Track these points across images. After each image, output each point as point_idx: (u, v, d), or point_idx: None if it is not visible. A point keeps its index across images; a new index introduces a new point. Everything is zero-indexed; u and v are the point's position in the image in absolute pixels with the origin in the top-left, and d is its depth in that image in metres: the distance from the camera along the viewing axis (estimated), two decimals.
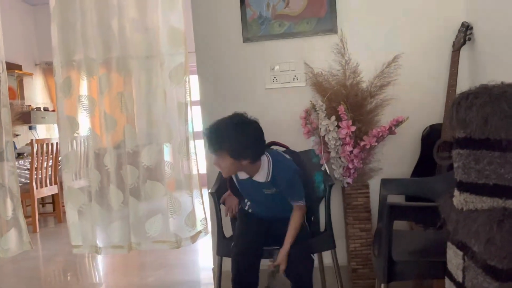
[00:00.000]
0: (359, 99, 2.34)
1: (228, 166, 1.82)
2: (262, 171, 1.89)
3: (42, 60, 6.29)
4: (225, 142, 1.77)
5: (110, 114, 2.78)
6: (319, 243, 2.13)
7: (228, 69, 2.61)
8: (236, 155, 1.78)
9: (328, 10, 2.50)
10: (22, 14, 6.10)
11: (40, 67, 6.30)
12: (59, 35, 2.80)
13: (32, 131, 5.92)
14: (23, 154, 4.85)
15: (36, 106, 6.00)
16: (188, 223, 2.73)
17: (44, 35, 6.12)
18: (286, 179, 1.88)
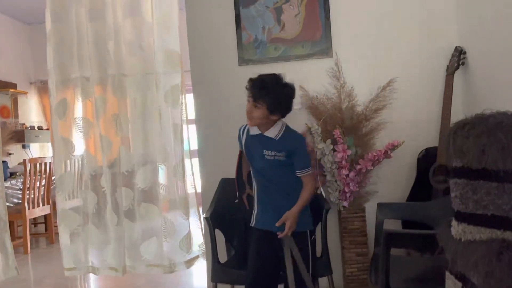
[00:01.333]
0: (354, 122, 2.34)
1: (260, 117, 1.94)
2: (275, 128, 2.00)
3: (37, 78, 6.28)
4: (269, 95, 1.91)
5: (105, 136, 2.76)
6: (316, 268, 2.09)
7: (224, 90, 2.62)
8: (273, 109, 1.92)
9: (323, 34, 2.52)
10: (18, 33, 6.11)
11: (35, 85, 6.29)
12: (55, 57, 2.79)
13: (26, 149, 5.87)
14: (16, 174, 4.79)
15: (30, 124, 5.96)
16: (183, 247, 2.69)
17: (39, 54, 6.12)
18: (297, 142, 1.99)
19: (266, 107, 1.91)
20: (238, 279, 2.06)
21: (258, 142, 2.02)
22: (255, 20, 2.57)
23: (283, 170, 1.99)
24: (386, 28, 2.50)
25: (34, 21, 6.13)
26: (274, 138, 1.99)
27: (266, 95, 1.91)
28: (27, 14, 5.88)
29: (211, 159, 2.63)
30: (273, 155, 1.98)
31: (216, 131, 2.62)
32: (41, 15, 5.70)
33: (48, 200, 4.64)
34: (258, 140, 2.02)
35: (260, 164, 2.03)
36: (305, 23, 2.54)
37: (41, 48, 5.98)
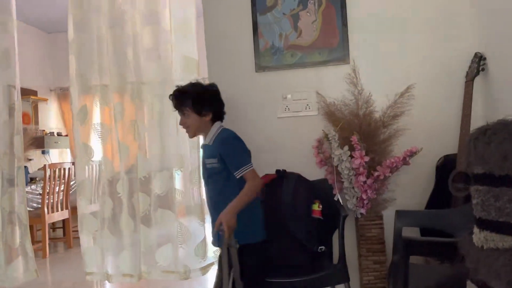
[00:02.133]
0: (372, 129, 2.32)
1: (194, 123, 1.96)
2: (210, 133, 2.00)
3: (56, 85, 6.41)
4: (188, 98, 1.94)
5: (123, 142, 2.81)
6: (333, 276, 2.08)
7: (241, 97, 2.63)
8: (198, 108, 1.93)
9: (340, 41, 2.52)
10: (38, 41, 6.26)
11: (54, 92, 6.42)
12: (77, 65, 2.86)
13: (45, 155, 5.98)
14: (36, 179, 4.88)
15: (50, 131, 6.08)
16: (198, 254, 2.70)
17: (59, 62, 6.27)
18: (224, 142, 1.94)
19: (192, 109, 1.93)
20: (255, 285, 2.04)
21: (204, 153, 2.03)
22: (272, 27, 2.58)
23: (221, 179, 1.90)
24: (404, 34, 2.48)
25: (54, 30, 6.27)
26: (209, 144, 1.98)
27: (186, 99, 1.93)
28: (48, 23, 6.02)
29: None
30: (213, 163, 1.93)
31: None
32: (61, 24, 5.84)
33: (67, 205, 4.71)
34: (202, 150, 2.04)
35: (205, 175, 2.00)
36: (322, 30, 2.54)
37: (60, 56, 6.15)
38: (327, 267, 2.14)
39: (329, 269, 2.11)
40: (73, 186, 4.85)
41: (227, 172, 1.90)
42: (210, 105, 1.96)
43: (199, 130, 2.00)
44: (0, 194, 2.90)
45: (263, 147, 2.59)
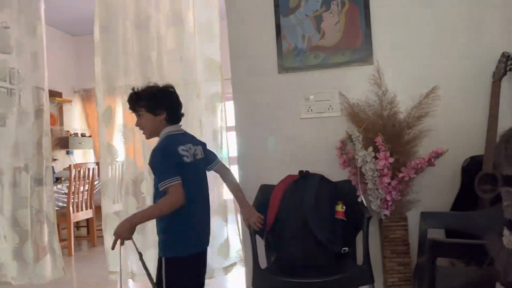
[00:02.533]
0: (396, 130, 2.31)
1: (148, 123, 1.89)
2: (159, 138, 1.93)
3: (80, 87, 6.54)
4: (142, 98, 1.90)
5: (147, 142, 2.85)
6: (357, 277, 2.08)
7: (263, 98, 2.65)
8: (151, 106, 1.88)
9: (364, 41, 2.52)
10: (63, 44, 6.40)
11: (78, 94, 6.55)
12: (102, 66, 2.92)
13: (70, 155, 6.11)
14: (61, 179, 5.00)
15: (74, 132, 6.21)
16: (221, 253, 2.72)
17: (82, 64, 6.40)
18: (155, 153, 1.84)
19: (145, 109, 1.88)
20: (279, 285, 2.06)
21: None
22: (295, 28, 2.59)
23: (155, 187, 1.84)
24: (429, 34, 2.46)
25: (78, 32, 6.40)
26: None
27: (140, 99, 1.89)
28: (73, 26, 6.15)
29: (250, 166, 2.66)
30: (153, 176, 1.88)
31: (256, 138, 2.65)
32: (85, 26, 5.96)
33: (91, 204, 4.81)
34: None
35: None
36: (345, 31, 2.54)
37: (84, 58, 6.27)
38: (351, 268, 2.14)
39: (353, 270, 2.11)
40: (97, 186, 4.95)
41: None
42: (163, 104, 1.90)
43: (155, 131, 1.93)
44: (29, 193, 2.98)
45: (286, 148, 2.60)
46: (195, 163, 1.89)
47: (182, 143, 1.87)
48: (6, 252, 2.95)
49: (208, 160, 2.04)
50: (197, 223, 1.90)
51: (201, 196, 1.93)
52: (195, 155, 1.91)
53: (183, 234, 1.83)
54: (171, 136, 1.90)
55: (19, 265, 2.92)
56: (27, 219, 2.95)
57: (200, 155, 1.95)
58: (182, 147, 1.85)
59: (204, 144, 2.05)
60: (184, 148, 1.85)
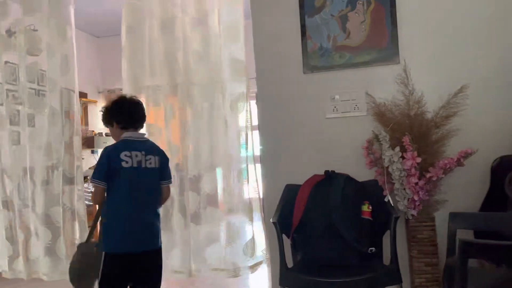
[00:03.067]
0: (424, 129, 2.29)
1: (112, 132, 2.17)
2: None
3: (104, 87, 6.66)
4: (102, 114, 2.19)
5: (174, 141, 2.91)
6: (384, 277, 2.07)
7: (288, 98, 2.66)
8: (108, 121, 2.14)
9: (390, 41, 2.50)
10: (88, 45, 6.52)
11: (102, 94, 6.67)
12: (129, 67, 2.98)
13: (94, 155, 6.23)
14: (87, 177, 5.10)
15: (99, 131, 6.33)
16: (247, 252, 2.75)
17: (107, 65, 6.51)
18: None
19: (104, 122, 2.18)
20: (307, 284, 2.07)
21: None
22: (320, 28, 2.60)
23: None
24: (457, 32, 2.43)
25: (103, 34, 6.52)
26: None
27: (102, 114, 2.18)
28: (97, 28, 6.27)
29: (274, 165, 2.68)
30: None
31: (280, 138, 2.67)
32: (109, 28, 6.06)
33: None
34: None
35: None
36: (371, 30, 2.53)
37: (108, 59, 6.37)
38: (379, 268, 2.14)
39: (381, 270, 2.11)
40: None
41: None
42: (114, 115, 2.11)
43: (117, 138, 2.13)
44: (61, 192, 3.06)
45: (311, 147, 2.61)
46: (136, 168, 2.01)
47: (128, 149, 2.02)
48: (39, 249, 3.04)
49: (161, 176, 2.14)
50: (126, 224, 1.99)
51: (137, 200, 2.02)
52: (140, 162, 2.03)
53: (110, 232, 1.99)
54: (120, 142, 2.08)
55: (51, 261, 3.00)
56: (59, 217, 3.04)
57: (149, 164, 2.06)
58: (126, 152, 2.01)
59: (163, 157, 2.16)
60: (127, 153, 2.01)
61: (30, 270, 3.09)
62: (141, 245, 2.01)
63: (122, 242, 1.98)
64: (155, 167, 2.08)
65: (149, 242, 2.04)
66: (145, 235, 2.03)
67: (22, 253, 3.10)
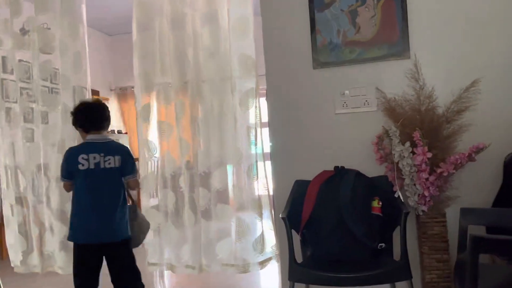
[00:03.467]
0: (434, 124, 2.27)
1: (80, 135, 2.40)
2: None
3: (116, 85, 6.74)
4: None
5: (184, 138, 2.92)
6: (394, 272, 2.06)
7: (298, 93, 2.65)
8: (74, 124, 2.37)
9: (400, 35, 2.48)
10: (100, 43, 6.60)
11: (114, 92, 6.75)
12: (140, 65, 3.01)
13: None
14: None
15: (111, 128, 6.41)
16: (257, 248, 2.76)
17: (118, 63, 6.58)
18: None
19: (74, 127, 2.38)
20: (316, 279, 2.08)
21: None
22: (330, 23, 2.58)
23: None
24: (469, 25, 2.40)
25: (115, 32, 6.59)
26: None
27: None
28: (109, 26, 6.33)
29: (284, 161, 2.68)
30: None
31: (290, 134, 2.67)
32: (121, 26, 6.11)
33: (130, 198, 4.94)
34: None
35: None
36: (381, 25, 2.51)
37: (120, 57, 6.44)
38: (389, 264, 2.13)
39: (390, 266, 2.10)
40: None
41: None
42: (78, 120, 2.34)
43: (84, 139, 2.37)
44: None
45: (321, 143, 2.60)
46: (93, 170, 2.25)
47: (86, 152, 2.27)
48: (54, 243, 3.09)
49: (123, 172, 2.33)
50: (81, 219, 2.26)
51: (95, 198, 2.25)
52: (98, 164, 2.26)
53: (71, 224, 2.29)
54: (81, 144, 2.35)
55: (66, 256, 3.05)
56: None
57: (108, 165, 2.27)
58: (83, 155, 2.25)
59: (125, 155, 2.34)
60: (84, 156, 2.25)
61: (44, 264, 3.14)
62: (97, 238, 2.24)
63: (78, 234, 2.26)
64: (114, 166, 2.28)
65: (106, 235, 2.25)
66: (102, 229, 2.24)
67: (36, 247, 3.15)
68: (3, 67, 3.34)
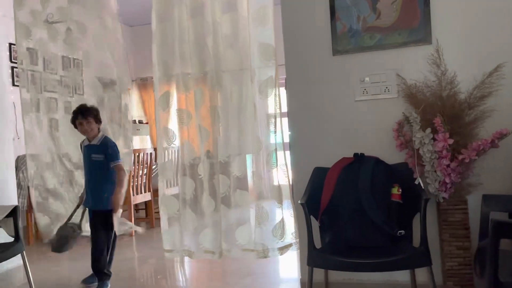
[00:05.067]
0: (456, 110, 2.24)
1: (94, 128, 2.91)
2: (98, 137, 2.95)
3: (137, 76, 6.84)
4: (92, 112, 2.92)
5: (204, 126, 2.95)
6: (414, 259, 2.06)
7: (317, 81, 2.65)
8: (99, 120, 2.95)
9: (422, 21, 2.44)
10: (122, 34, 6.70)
11: (136, 83, 6.85)
12: (159, 54, 3.04)
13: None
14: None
15: (132, 119, 6.51)
16: (276, 234, 2.78)
17: (139, 53, 6.66)
18: (111, 145, 2.94)
19: (94, 120, 2.90)
20: (334, 264, 2.09)
21: (89, 150, 2.95)
22: (350, 9, 2.56)
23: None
24: (492, 9, 2.34)
25: (135, 23, 6.66)
26: (96, 144, 2.92)
27: (90, 112, 2.89)
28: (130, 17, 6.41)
29: (303, 149, 2.69)
30: (98, 157, 2.91)
31: (309, 121, 2.67)
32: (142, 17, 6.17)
33: (149, 187, 5.04)
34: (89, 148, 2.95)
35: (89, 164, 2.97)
36: (402, 10, 2.48)
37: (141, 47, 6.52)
38: (408, 250, 2.12)
39: (410, 252, 2.09)
40: (154, 170, 5.18)
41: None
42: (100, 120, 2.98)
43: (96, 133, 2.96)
44: None
45: (340, 130, 2.60)
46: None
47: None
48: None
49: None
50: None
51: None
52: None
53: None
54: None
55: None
56: None
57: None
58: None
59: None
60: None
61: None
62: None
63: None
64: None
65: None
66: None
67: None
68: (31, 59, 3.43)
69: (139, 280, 3.45)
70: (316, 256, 2.13)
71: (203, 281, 3.39)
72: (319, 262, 2.12)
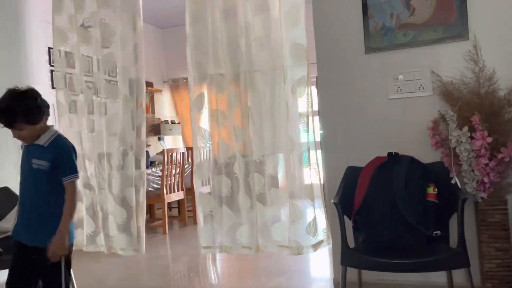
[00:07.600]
0: (495, 108, 2.19)
1: (30, 133, 1.95)
2: (45, 135, 1.98)
3: (169, 77, 6.96)
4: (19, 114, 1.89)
5: (238, 127, 3.00)
6: (452, 260, 2.03)
7: (349, 79, 2.64)
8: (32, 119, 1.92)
9: (458, 16, 2.39)
10: (153, 36, 6.82)
11: (167, 83, 6.97)
12: (193, 56, 3.09)
13: (161, 141, 6.56)
14: (155, 162, 5.39)
15: (164, 119, 6.65)
16: (310, 232, 2.80)
17: (171, 55, 6.78)
18: (65, 149, 2.00)
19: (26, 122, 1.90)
20: (369, 264, 2.08)
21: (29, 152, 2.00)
22: (383, 7, 2.54)
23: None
24: None
25: (167, 25, 6.78)
26: (42, 145, 1.96)
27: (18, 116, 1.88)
28: (161, 20, 6.53)
29: (335, 148, 2.69)
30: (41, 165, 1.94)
31: (341, 120, 2.66)
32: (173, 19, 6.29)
33: (182, 186, 5.13)
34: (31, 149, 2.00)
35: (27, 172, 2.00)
36: (437, 6, 2.43)
37: (172, 49, 6.63)
38: (445, 251, 2.09)
39: (447, 253, 2.06)
40: (187, 169, 5.28)
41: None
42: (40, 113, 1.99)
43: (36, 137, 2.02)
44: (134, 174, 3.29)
45: (373, 129, 2.58)
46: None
47: None
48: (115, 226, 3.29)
49: None
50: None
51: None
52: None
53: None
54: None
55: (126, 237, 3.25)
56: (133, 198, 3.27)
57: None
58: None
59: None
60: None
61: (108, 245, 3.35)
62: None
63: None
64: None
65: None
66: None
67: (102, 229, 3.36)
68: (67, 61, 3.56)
69: (172, 277, 3.53)
70: (350, 256, 2.12)
71: (236, 279, 3.44)
72: (353, 261, 2.12)
